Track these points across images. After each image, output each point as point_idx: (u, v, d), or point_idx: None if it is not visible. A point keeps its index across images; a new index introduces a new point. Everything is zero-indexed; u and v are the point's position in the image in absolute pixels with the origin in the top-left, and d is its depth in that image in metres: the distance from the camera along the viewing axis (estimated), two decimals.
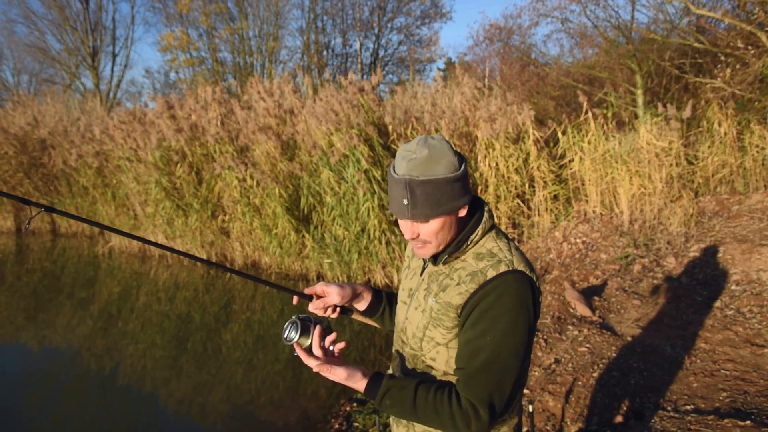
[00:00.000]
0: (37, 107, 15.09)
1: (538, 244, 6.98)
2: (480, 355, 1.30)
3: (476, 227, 1.40)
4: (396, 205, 1.35)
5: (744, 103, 7.35)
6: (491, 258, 1.37)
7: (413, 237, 1.37)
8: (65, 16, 24.71)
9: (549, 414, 3.46)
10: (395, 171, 1.34)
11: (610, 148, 6.88)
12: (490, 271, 1.34)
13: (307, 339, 1.50)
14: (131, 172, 10.49)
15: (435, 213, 1.33)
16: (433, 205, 1.32)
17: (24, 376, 5.71)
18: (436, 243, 1.39)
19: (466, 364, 1.33)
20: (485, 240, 1.41)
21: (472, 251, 1.41)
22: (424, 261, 1.53)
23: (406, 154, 1.33)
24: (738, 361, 3.76)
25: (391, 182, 1.35)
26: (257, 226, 8.64)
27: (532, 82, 11.82)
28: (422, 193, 1.30)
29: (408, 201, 1.31)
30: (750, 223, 5.94)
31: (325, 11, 24.90)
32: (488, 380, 1.31)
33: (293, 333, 1.51)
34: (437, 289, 1.42)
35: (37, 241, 13.04)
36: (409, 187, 1.30)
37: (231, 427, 4.51)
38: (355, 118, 7.74)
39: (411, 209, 1.32)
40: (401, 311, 1.59)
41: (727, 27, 8.26)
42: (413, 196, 1.30)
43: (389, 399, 1.38)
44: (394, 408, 1.39)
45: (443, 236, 1.39)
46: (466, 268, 1.38)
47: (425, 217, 1.33)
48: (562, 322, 4.68)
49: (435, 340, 1.41)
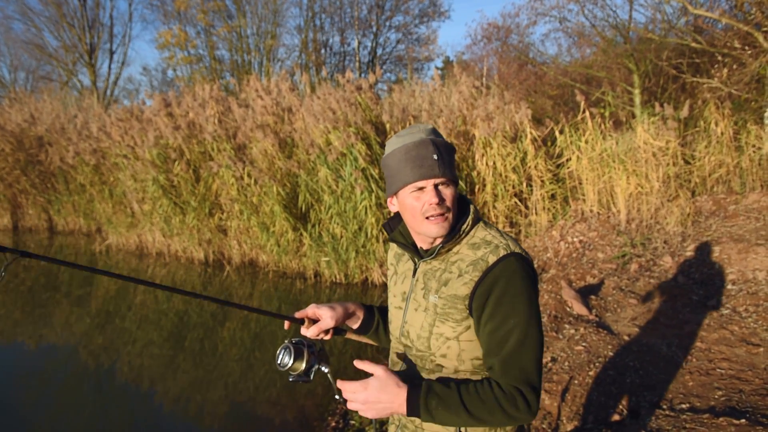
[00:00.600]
0: (34, 104, 15.07)
1: (536, 243, 6.99)
2: (510, 340, 1.31)
3: (466, 217, 1.43)
4: (419, 167, 1.35)
5: (741, 103, 7.37)
6: (487, 245, 1.38)
7: (439, 201, 1.36)
8: (62, 12, 24.65)
9: (545, 412, 3.47)
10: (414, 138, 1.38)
11: (608, 148, 6.89)
12: (491, 257, 1.35)
13: (301, 363, 1.48)
14: (128, 169, 10.47)
15: (455, 175, 1.39)
16: (453, 166, 1.39)
17: (21, 375, 5.70)
18: (452, 215, 1.40)
19: (498, 352, 1.33)
20: (475, 230, 1.43)
21: (465, 242, 1.42)
22: (415, 262, 1.51)
23: (411, 129, 1.40)
24: (733, 360, 3.77)
25: (408, 148, 1.37)
26: (255, 224, 8.64)
27: (529, 81, 11.83)
28: (446, 153, 1.37)
29: (438, 157, 1.35)
30: (746, 222, 5.96)
31: (323, 9, 24.90)
32: (524, 361, 1.32)
33: (287, 358, 1.48)
34: (437, 285, 1.42)
35: (34, 239, 13.02)
36: (436, 145, 1.36)
37: (228, 424, 4.51)
38: (352, 117, 7.74)
39: (441, 166, 1.35)
40: (397, 317, 1.56)
41: (725, 27, 8.28)
42: (441, 154, 1.36)
43: (434, 399, 1.31)
44: (441, 407, 1.31)
45: (455, 211, 1.41)
46: (465, 259, 1.39)
47: (450, 178, 1.37)
48: (558, 320, 4.69)
49: (444, 336, 1.40)
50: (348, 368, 5.23)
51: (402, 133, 1.41)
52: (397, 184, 1.40)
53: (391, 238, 1.55)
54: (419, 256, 1.49)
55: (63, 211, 13.33)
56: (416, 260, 1.50)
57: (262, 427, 4.43)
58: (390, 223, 1.58)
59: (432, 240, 1.44)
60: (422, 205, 1.38)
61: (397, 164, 1.39)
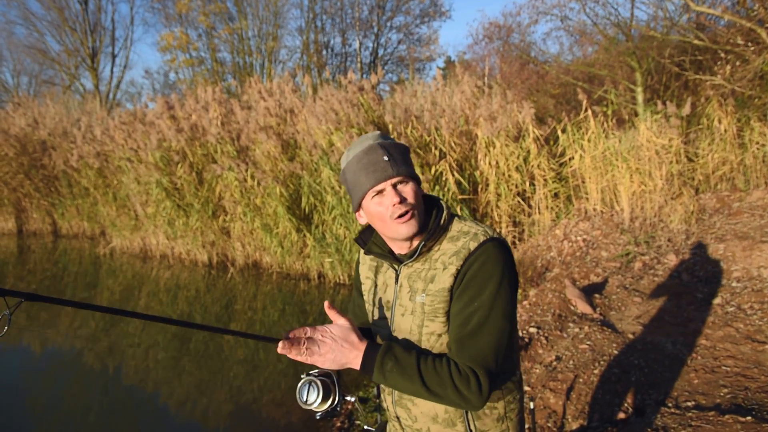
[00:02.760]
0: (37, 109, 15.11)
1: (539, 242, 6.98)
2: (471, 320, 1.31)
3: (441, 212, 1.44)
4: (373, 173, 1.36)
5: (744, 100, 7.35)
6: (466, 235, 1.39)
7: (401, 200, 1.37)
8: (64, 17, 24.75)
9: (550, 411, 3.47)
10: (362, 147, 1.40)
11: (610, 146, 6.88)
12: (471, 244, 1.36)
13: (330, 399, 1.40)
14: (132, 172, 10.50)
15: (411, 171, 1.39)
16: (408, 164, 1.40)
17: (27, 377, 5.72)
18: (418, 211, 1.40)
19: (459, 331, 1.33)
20: (453, 225, 1.44)
21: (445, 238, 1.43)
22: (395, 269, 1.49)
23: (359, 140, 1.43)
24: (739, 357, 3.76)
25: (359, 158, 1.39)
26: (258, 225, 8.65)
27: (531, 80, 11.82)
28: (397, 153, 1.39)
29: (388, 157, 1.36)
30: (751, 220, 5.95)
31: (324, 10, 24.91)
32: (482, 343, 1.31)
33: (313, 395, 1.39)
34: (423, 285, 1.41)
35: (39, 242, 13.06)
36: (384, 147, 1.38)
37: (234, 426, 4.52)
38: (355, 118, 7.75)
39: (393, 165, 1.36)
40: (385, 327, 1.53)
41: (727, 24, 8.26)
42: (390, 154, 1.37)
43: (391, 360, 1.30)
44: (396, 369, 1.30)
45: (421, 207, 1.42)
46: (447, 253, 1.39)
47: (406, 175, 1.38)
48: (563, 319, 4.69)
49: (436, 333, 1.40)
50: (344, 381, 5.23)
51: (351, 147, 1.43)
52: (358, 195, 1.41)
53: (367, 250, 1.53)
54: (399, 261, 1.47)
55: (67, 214, 13.37)
56: (396, 266, 1.48)
57: (267, 429, 4.44)
58: (362, 237, 1.56)
59: (409, 243, 1.44)
60: (386, 209, 1.38)
61: (353, 176, 1.40)
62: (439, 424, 1.46)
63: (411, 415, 1.51)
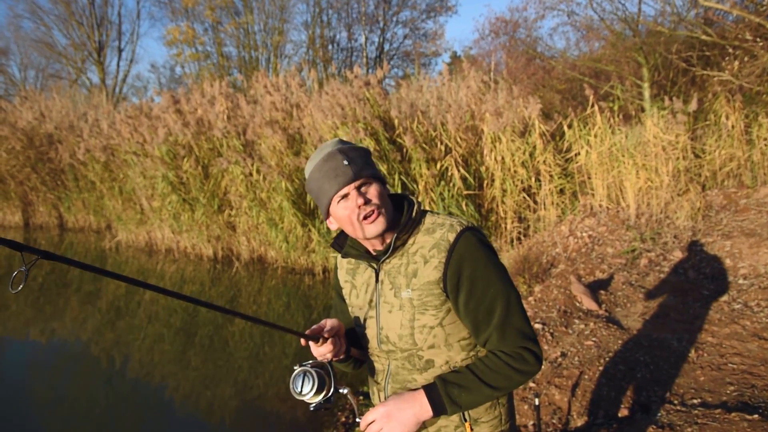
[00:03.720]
0: (44, 102, 15.17)
1: (545, 238, 6.96)
2: (496, 308, 1.38)
3: (412, 207, 1.46)
4: (335, 178, 1.38)
5: (752, 96, 7.30)
6: (441, 227, 1.42)
7: (365, 202, 1.38)
8: (71, 11, 24.82)
9: (555, 407, 3.47)
10: (322, 155, 1.41)
11: (617, 142, 6.85)
12: (449, 235, 1.39)
13: (319, 394, 1.38)
14: (138, 166, 10.53)
15: (373, 173, 1.41)
16: (369, 166, 1.42)
17: (33, 370, 5.76)
18: (385, 210, 1.41)
19: (488, 323, 1.39)
20: (426, 218, 1.47)
21: (419, 231, 1.45)
22: (374, 267, 1.49)
23: (320, 149, 1.44)
24: (745, 354, 3.75)
25: (320, 166, 1.40)
26: (263, 220, 8.67)
27: (538, 75, 11.76)
28: (356, 156, 1.40)
29: (348, 161, 1.38)
30: (758, 216, 5.91)
31: (330, 5, 24.88)
32: (516, 321, 1.39)
33: (308, 386, 1.37)
34: (406, 280, 1.42)
35: (45, 236, 13.13)
36: (343, 152, 1.39)
37: (238, 420, 4.54)
38: (360, 112, 7.74)
39: (353, 167, 1.38)
40: (371, 326, 1.53)
41: (736, 19, 8.19)
42: (350, 158, 1.39)
43: (454, 388, 1.36)
44: (463, 392, 1.36)
45: (387, 206, 1.43)
46: (425, 245, 1.41)
47: (368, 176, 1.40)
48: (568, 315, 4.68)
49: (428, 326, 1.40)
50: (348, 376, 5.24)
51: (312, 157, 1.45)
52: (324, 202, 1.42)
53: (344, 254, 1.55)
54: (376, 259, 1.48)
55: (73, 208, 13.43)
56: (375, 265, 1.50)
57: (272, 423, 4.45)
58: (338, 242, 1.57)
59: (381, 240, 1.45)
60: (352, 211, 1.39)
61: (317, 184, 1.42)
62: None
63: None
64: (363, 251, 1.51)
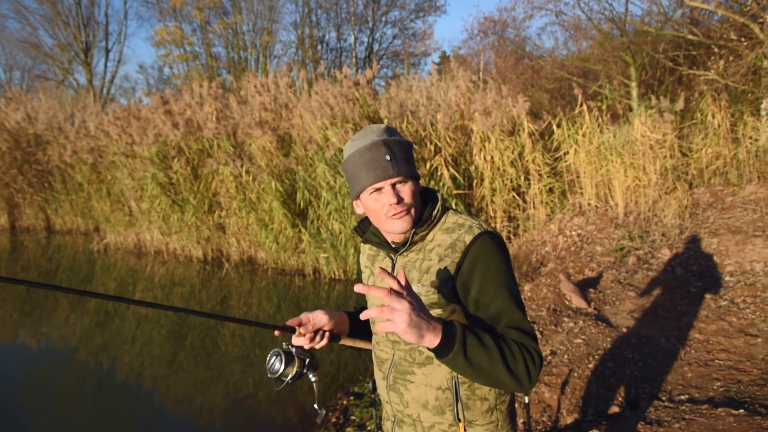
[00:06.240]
0: (30, 103, 15.02)
1: (534, 236, 7.00)
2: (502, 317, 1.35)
3: (435, 204, 1.46)
4: (374, 170, 1.37)
5: (737, 95, 7.38)
6: (461, 228, 1.42)
7: (397, 201, 1.38)
8: (57, 11, 24.57)
9: (545, 405, 3.49)
10: (366, 142, 1.40)
11: (605, 141, 6.90)
12: (467, 237, 1.39)
13: (293, 367, 1.50)
14: (126, 167, 10.46)
15: (411, 171, 1.40)
16: (409, 163, 1.41)
17: (20, 374, 5.71)
18: (415, 209, 1.42)
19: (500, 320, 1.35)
20: (446, 217, 1.47)
21: (438, 229, 1.45)
22: (392, 258, 1.52)
23: (364, 132, 1.42)
24: (732, 351, 3.79)
25: (362, 152, 1.39)
26: (253, 221, 8.64)
27: (526, 75, 11.83)
28: (399, 151, 1.39)
29: (391, 157, 1.37)
30: (744, 214, 5.98)
31: (319, 5, 24.83)
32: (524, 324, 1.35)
33: (278, 364, 1.49)
34: (419, 275, 1.43)
35: (32, 238, 13.00)
36: (388, 145, 1.38)
37: (229, 422, 4.53)
38: (350, 113, 7.74)
39: (394, 165, 1.37)
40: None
41: (721, 19, 8.28)
42: (393, 153, 1.38)
43: (471, 334, 1.23)
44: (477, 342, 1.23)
45: (417, 204, 1.44)
46: (442, 244, 1.42)
47: (406, 175, 1.39)
48: (557, 314, 4.71)
49: None
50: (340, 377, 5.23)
51: (356, 137, 1.44)
52: (356, 189, 1.43)
53: (365, 240, 1.57)
54: (395, 251, 1.50)
55: (60, 210, 13.31)
56: (393, 256, 1.52)
57: (263, 425, 4.44)
58: (361, 226, 1.60)
59: (404, 234, 1.46)
60: (382, 206, 1.40)
61: (354, 169, 1.42)
62: (428, 411, 1.48)
63: (403, 400, 1.52)
64: (383, 240, 1.54)
